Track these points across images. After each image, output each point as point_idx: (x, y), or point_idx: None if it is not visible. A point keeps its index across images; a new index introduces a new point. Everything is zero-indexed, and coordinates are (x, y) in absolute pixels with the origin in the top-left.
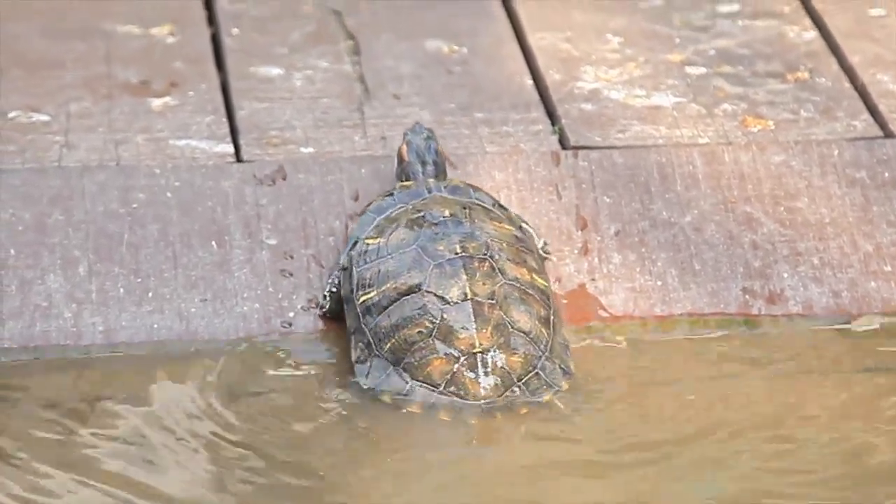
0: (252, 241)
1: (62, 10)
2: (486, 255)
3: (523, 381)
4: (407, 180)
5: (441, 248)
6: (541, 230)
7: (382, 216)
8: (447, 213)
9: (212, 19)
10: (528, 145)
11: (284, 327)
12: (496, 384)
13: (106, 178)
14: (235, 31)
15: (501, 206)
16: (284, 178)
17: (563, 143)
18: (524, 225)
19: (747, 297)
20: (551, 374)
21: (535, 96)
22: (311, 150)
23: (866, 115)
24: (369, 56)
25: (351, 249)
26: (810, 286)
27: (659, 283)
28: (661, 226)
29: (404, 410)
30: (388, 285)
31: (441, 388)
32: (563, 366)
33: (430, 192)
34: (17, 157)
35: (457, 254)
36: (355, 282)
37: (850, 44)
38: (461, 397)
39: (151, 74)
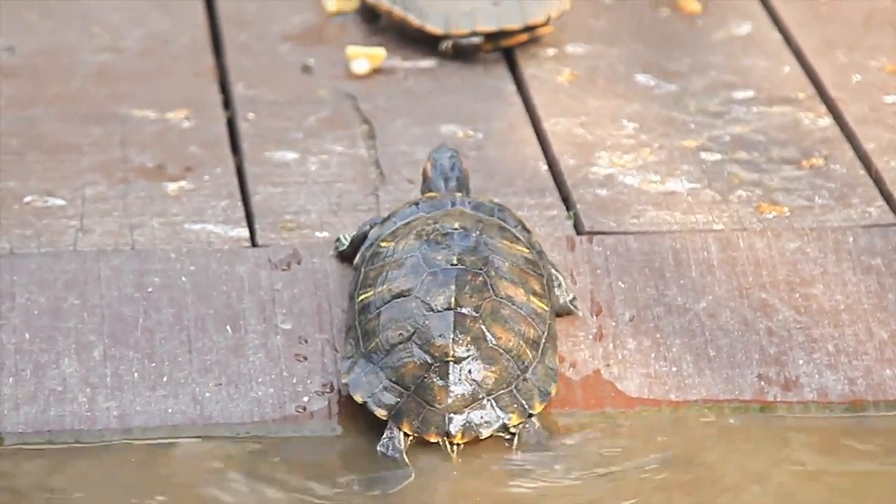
0: (267, 325)
1: (78, 94)
2: (481, 269)
3: (494, 395)
4: None
5: (440, 257)
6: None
7: (402, 222)
8: (457, 225)
9: (227, 104)
10: (543, 230)
11: (299, 412)
12: (464, 394)
13: (121, 262)
14: (251, 115)
15: (525, 229)
16: (299, 263)
17: (578, 228)
18: (546, 259)
19: (763, 383)
20: (526, 395)
21: (550, 181)
22: (325, 234)
23: (881, 202)
24: (384, 140)
25: (367, 250)
26: (825, 373)
27: (674, 368)
28: (675, 312)
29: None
30: (384, 287)
31: (411, 392)
32: (541, 388)
33: (453, 204)
34: (33, 241)
35: (453, 265)
36: (360, 280)
37: (865, 131)
38: (428, 403)
39: (167, 159)
